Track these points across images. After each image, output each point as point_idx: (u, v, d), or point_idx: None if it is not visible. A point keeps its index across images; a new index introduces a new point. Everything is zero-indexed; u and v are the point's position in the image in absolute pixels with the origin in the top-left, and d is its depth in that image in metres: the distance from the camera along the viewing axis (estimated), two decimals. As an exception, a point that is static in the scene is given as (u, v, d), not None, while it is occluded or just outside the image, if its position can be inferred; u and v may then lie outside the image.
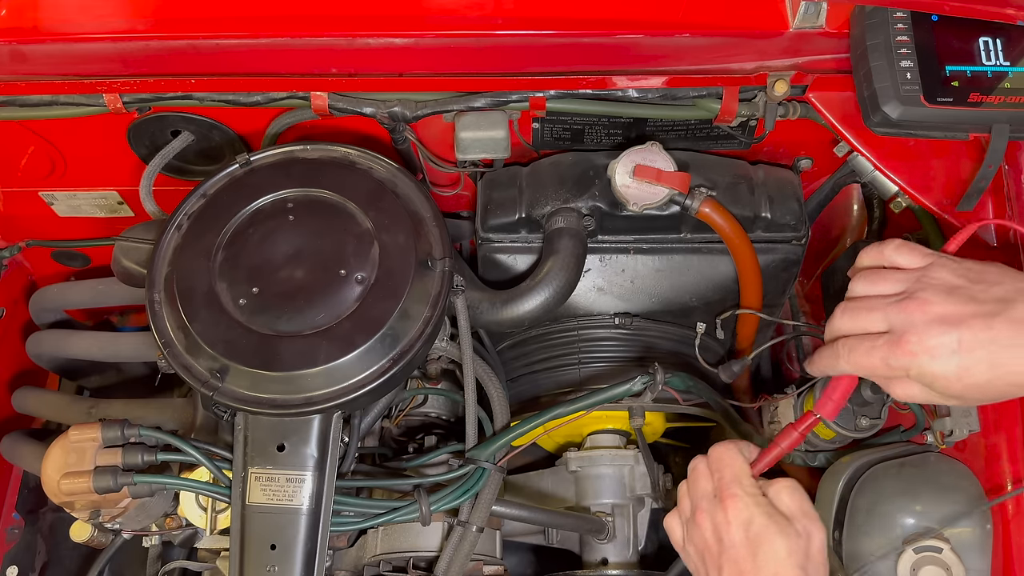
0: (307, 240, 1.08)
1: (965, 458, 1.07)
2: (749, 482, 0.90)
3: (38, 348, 1.41)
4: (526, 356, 1.36)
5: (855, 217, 1.38)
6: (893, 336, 0.80)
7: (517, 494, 1.33)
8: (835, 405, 0.91)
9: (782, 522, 0.85)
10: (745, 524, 0.86)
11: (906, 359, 0.79)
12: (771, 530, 0.84)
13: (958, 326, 0.77)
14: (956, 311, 0.78)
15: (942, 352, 0.77)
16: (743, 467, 0.91)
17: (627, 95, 1.13)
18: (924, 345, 0.78)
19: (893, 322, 0.81)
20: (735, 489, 0.88)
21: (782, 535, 0.84)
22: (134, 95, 1.14)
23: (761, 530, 0.85)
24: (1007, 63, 1.01)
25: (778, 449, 0.92)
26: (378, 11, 1.10)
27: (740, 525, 0.86)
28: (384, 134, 1.22)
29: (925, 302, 0.79)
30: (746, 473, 0.90)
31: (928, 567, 0.99)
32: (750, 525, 0.85)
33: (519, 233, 1.24)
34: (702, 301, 1.29)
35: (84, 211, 1.45)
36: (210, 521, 1.11)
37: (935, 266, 0.83)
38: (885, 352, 0.80)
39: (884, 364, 0.80)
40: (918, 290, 0.81)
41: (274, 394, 1.02)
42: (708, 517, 0.89)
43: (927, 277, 0.82)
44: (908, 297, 0.81)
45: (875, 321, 0.83)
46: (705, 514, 0.90)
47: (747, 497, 0.87)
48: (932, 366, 0.77)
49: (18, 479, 1.51)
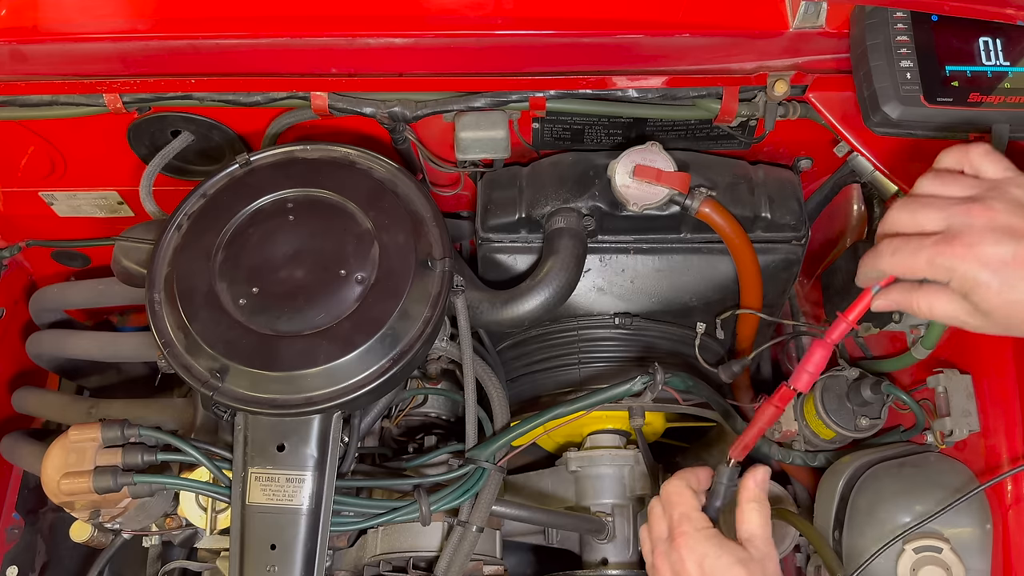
0: (307, 240, 1.08)
1: (965, 458, 1.07)
2: (698, 516, 0.93)
3: (38, 348, 1.41)
4: (526, 356, 1.36)
5: (855, 217, 1.38)
6: (947, 235, 0.76)
7: (517, 494, 1.33)
8: (809, 377, 0.91)
9: (735, 550, 0.89)
10: (698, 561, 0.89)
11: (954, 261, 0.75)
12: (724, 561, 0.88)
13: (1018, 239, 0.74)
14: (1021, 225, 0.75)
15: (994, 260, 0.74)
16: (690, 502, 0.94)
17: (627, 95, 1.13)
18: (978, 249, 0.75)
19: (952, 223, 0.77)
20: (684, 527, 0.92)
21: (738, 564, 0.87)
22: (134, 95, 1.14)
23: (715, 563, 0.88)
24: (1007, 63, 1.01)
25: (756, 428, 0.94)
26: (378, 11, 1.10)
27: (694, 563, 0.89)
28: (384, 134, 1.22)
29: (992, 209, 0.76)
30: (693, 508, 0.94)
31: (928, 567, 0.99)
32: (704, 560, 0.89)
33: (519, 233, 1.24)
34: (702, 301, 1.29)
35: (84, 211, 1.45)
36: (210, 521, 1.11)
37: (1014, 182, 0.79)
38: (933, 251, 0.76)
39: (928, 264, 0.77)
40: (989, 198, 0.77)
41: (274, 394, 1.02)
42: (665, 559, 0.93)
43: (1001, 188, 0.78)
44: (976, 200, 0.77)
45: (933, 220, 0.79)
46: (663, 556, 0.93)
47: (696, 533, 0.91)
48: (979, 273, 0.74)
49: (18, 479, 1.51)
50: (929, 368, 1.11)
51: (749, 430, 0.95)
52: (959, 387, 1.07)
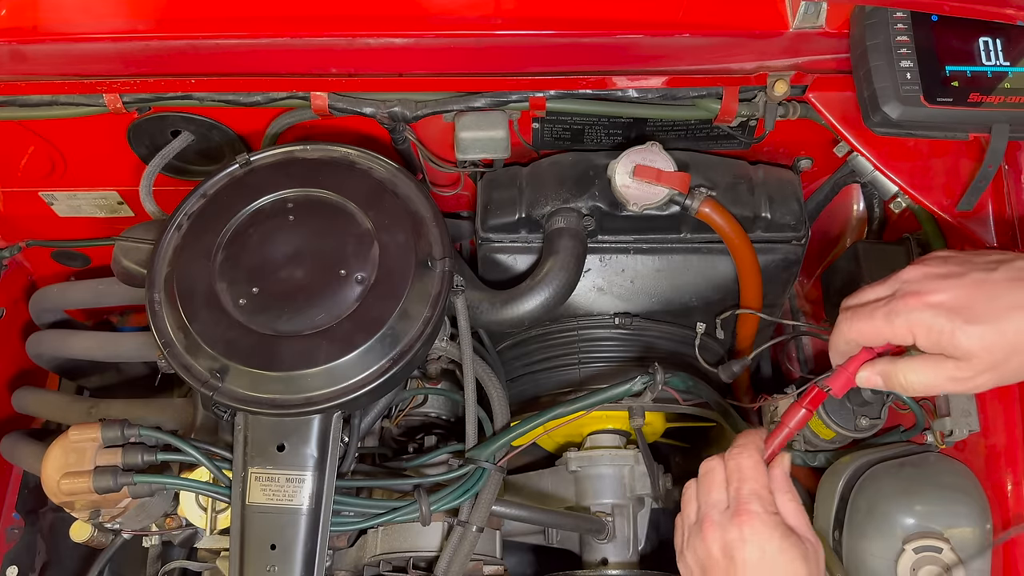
0: (307, 240, 1.08)
1: (965, 458, 1.07)
2: (770, 500, 0.87)
3: (38, 348, 1.41)
4: (526, 356, 1.36)
5: (855, 217, 1.38)
6: (896, 294, 0.81)
7: (517, 494, 1.33)
8: (846, 379, 0.89)
9: (799, 545, 0.84)
10: (761, 546, 0.84)
11: (908, 311, 0.79)
12: (789, 555, 0.83)
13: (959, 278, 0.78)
14: (956, 269, 0.79)
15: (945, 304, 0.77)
16: (765, 482, 0.88)
17: (627, 95, 1.13)
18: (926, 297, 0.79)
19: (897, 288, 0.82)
20: (754, 506, 0.86)
21: (802, 560, 0.83)
22: (134, 95, 1.14)
23: (778, 555, 0.83)
24: (1007, 63, 1.01)
25: (786, 430, 0.92)
26: (378, 11, 1.10)
27: (756, 546, 0.84)
28: (384, 134, 1.22)
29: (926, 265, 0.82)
30: (767, 489, 0.87)
31: (928, 567, 0.99)
32: (766, 547, 0.84)
33: (519, 233, 1.24)
34: (702, 301, 1.29)
35: (84, 211, 1.45)
36: (210, 521, 1.11)
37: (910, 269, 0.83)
38: (887, 308, 0.80)
39: (885, 319, 0.80)
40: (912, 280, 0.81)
41: (274, 394, 1.02)
42: (719, 531, 0.86)
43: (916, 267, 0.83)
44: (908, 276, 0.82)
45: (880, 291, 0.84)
46: (716, 527, 0.87)
47: (766, 517, 0.85)
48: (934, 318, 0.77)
49: (18, 479, 1.51)
50: (929, 368, 1.11)
51: (778, 432, 0.92)
52: (959, 387, 1.06)
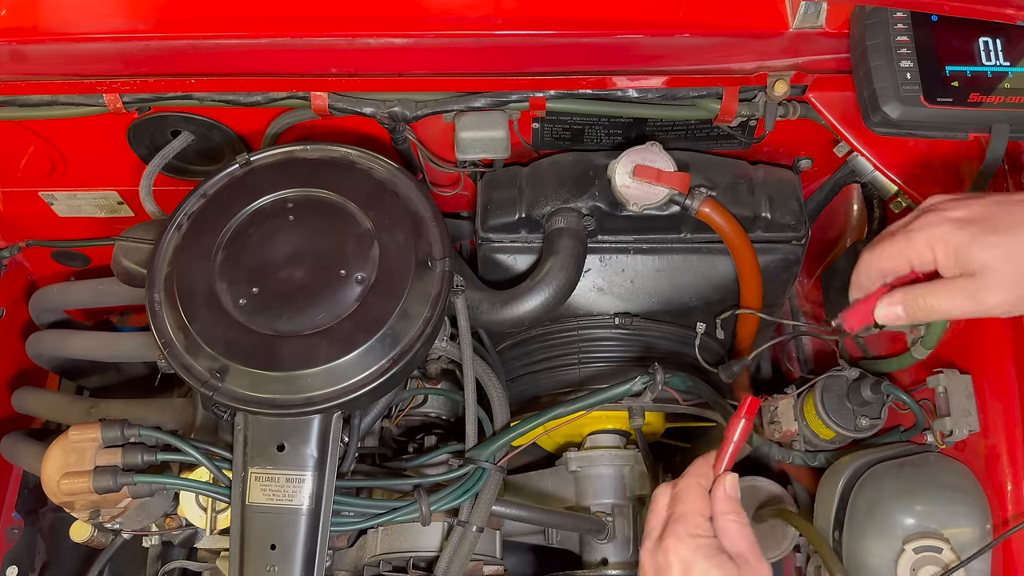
0: (307, 240, 1.08)
1: (965, 458, 1.07)
2: (697, 522, 0.86)
3: (38, 348, 1.41)
4: (526, 356, 1.36)
5: (855, 217, 1.38)
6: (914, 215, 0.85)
7: (517, 494, 1.33)
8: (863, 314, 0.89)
9: (727, 565, 0.83)
10: (684, 570, 0.84)
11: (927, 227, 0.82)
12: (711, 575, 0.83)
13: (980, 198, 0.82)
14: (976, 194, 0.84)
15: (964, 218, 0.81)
16: (696, 504, 0.88)
17: (627, 95, 1.13)
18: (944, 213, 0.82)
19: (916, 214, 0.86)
20: (678, 529, 0.86)
21: None
22: (134, 95, 1.14)
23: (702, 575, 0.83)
24: (1007, 63, 1.01)
25: (731, 445, 0.90)
26: (378, 11, 1.10)
27: (679, 570, 0.84)
28: (384, 134, 1.22)
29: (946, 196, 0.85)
30: (697, 511, 0.87)
31: (928, 567, 0.99)
32: (690, 571, 0.83)
33: (519, 233, 1.24)
34: (702, 301, 1.29)
35: (84, 211, 1.45)
36: (210, 521, 1.11)
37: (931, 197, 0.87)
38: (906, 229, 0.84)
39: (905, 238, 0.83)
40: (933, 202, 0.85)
41: (274, 394, 1.02)
42: (650, 556, 0.88)
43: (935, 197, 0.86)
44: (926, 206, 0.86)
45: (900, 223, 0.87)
46: (648, 553, 0.89)
47: (689, 539, 0.85)
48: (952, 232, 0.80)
49: (18, 479, 1.51)
50: (929, 368, 1.11)
51: (724, 447, 0.90)
52: (959, 387, 1.06)
